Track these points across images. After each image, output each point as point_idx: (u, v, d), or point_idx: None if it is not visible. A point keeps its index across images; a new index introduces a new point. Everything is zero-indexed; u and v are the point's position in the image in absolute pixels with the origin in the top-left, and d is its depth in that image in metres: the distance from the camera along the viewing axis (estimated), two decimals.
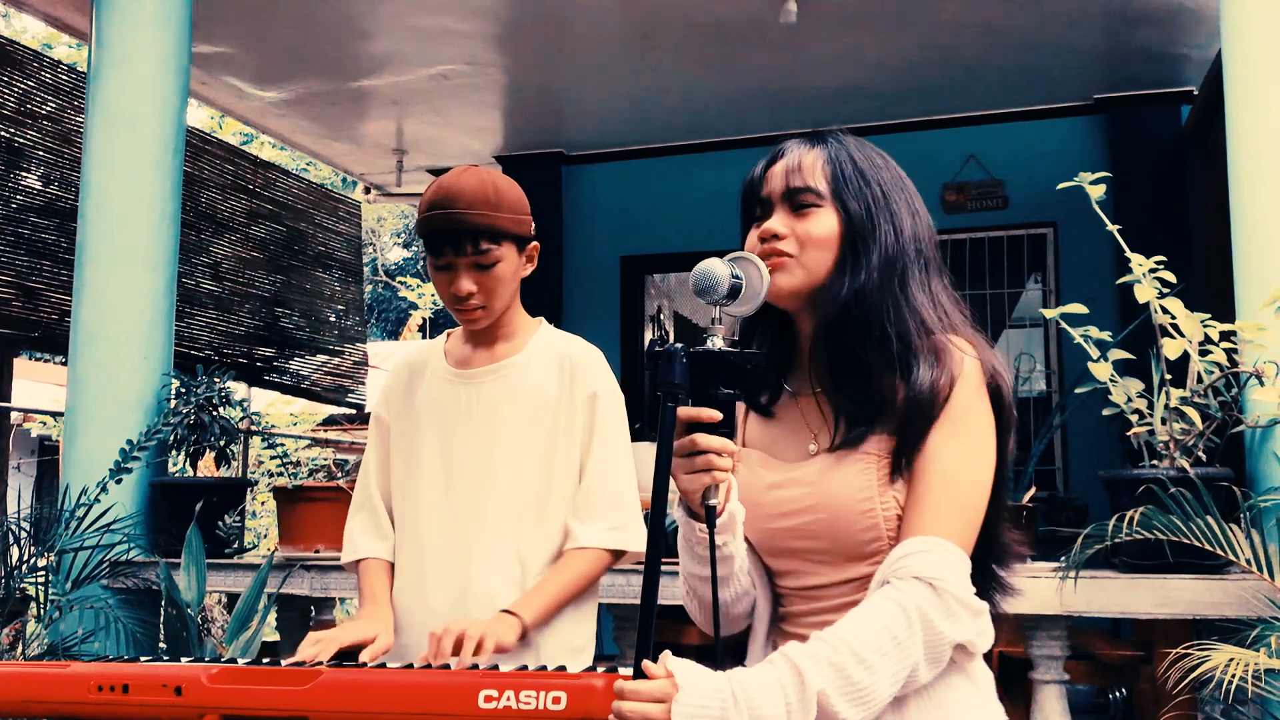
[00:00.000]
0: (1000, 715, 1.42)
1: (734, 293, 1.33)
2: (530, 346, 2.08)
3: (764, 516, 1.43)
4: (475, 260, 1.97)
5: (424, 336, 15.67)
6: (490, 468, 2.01)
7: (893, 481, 1.35)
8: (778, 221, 1.42)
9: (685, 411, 1.29)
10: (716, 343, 1.31)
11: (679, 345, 1.28)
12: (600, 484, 2.00)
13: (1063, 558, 2.77)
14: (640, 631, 1.25)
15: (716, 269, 1.31)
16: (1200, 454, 2.81)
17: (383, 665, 1.63)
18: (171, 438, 3.75)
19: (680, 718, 1.18)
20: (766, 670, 1.23)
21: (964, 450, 1.35)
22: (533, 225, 2.07)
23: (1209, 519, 2.58)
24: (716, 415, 1.29)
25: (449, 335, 2.17)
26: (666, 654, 1.24)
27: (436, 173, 7.30)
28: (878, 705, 1.25)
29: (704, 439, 1.29)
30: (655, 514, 1.25)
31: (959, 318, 1.44)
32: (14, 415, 7.57)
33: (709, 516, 1.31)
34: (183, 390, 3.78)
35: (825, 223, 1.41)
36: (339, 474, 4.03)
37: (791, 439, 1.46)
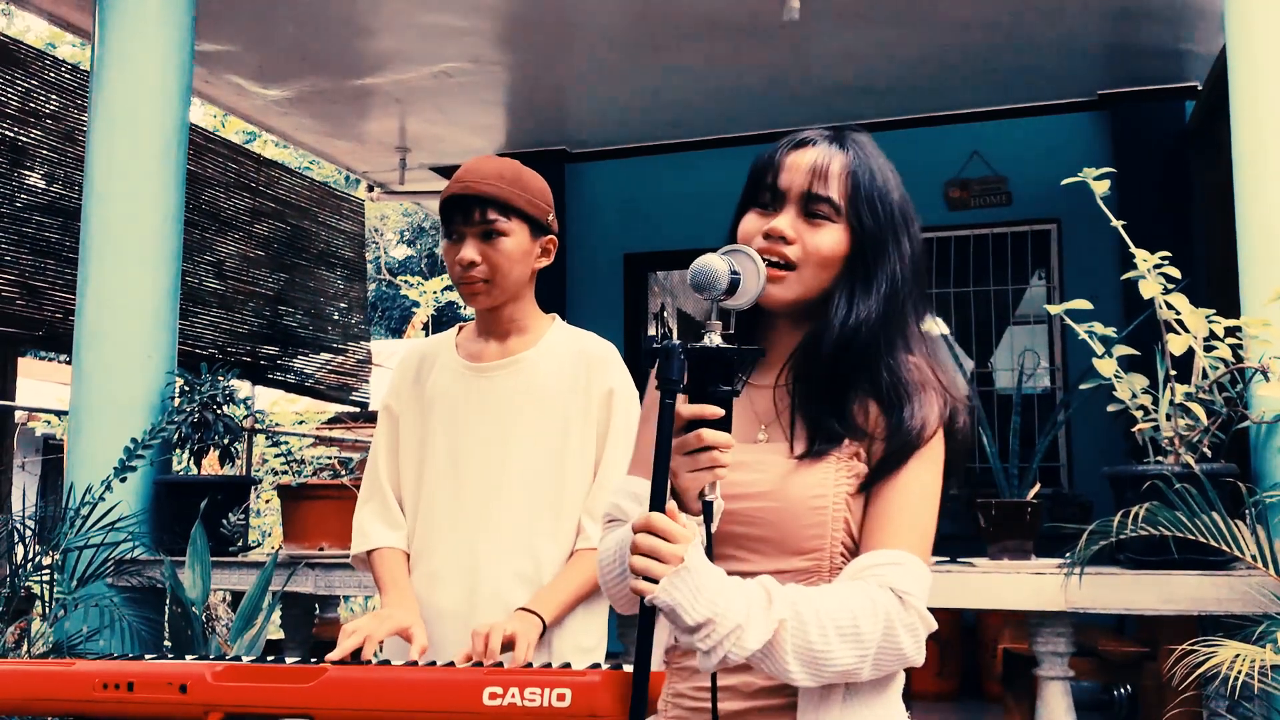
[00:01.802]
0: (903, 714, 1.43)
1: (732, 288, 1.33)
2: (544, 342, 2.07)
3: None
4: (482, 229, 1.97)
5: (427, 335, 15.65)
6: (501, 463, 1.99)
7: (853, 493, 1.38)
8: (787, 223, 1.41)
9: (688, 409, 1.29)
10: (715, 339, 1.30)
11: (677, 342, 1.28)
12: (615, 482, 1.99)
13: (1067, 554, 2.77)
14: (641, 627, 1.25)
15: (715, 264, 1.30)
16: (1205, 450, 2.81)
17: (386, 662, 1.63)
18: (175, 436, 3.75)
19: (693, 562, 1.22)
20: (738, 580, 1.28)
21: (930, 477, 1.39)
22: (552, 218, 2.06)
23: (1214, 515, 2.57)
24: (719, 412, 1.29)
25: (461, 328, 2.16)
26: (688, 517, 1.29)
27: (440, 170, 7.32)
28: (816, 676, 1.27)
29: (711, 434, 1.28)
30: (655, 509, 1.25)
31: (928, 337, 1.47)
32: (18, 414, 7.58)
33: (706, 511, 1.31)
34: (186, 389, 3.79)
35: (834, 240, 1.41)
36: (343, 472, 4.03)
37: (738, 425, 1.44)
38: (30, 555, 3.44)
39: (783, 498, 1.38)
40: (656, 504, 1.25)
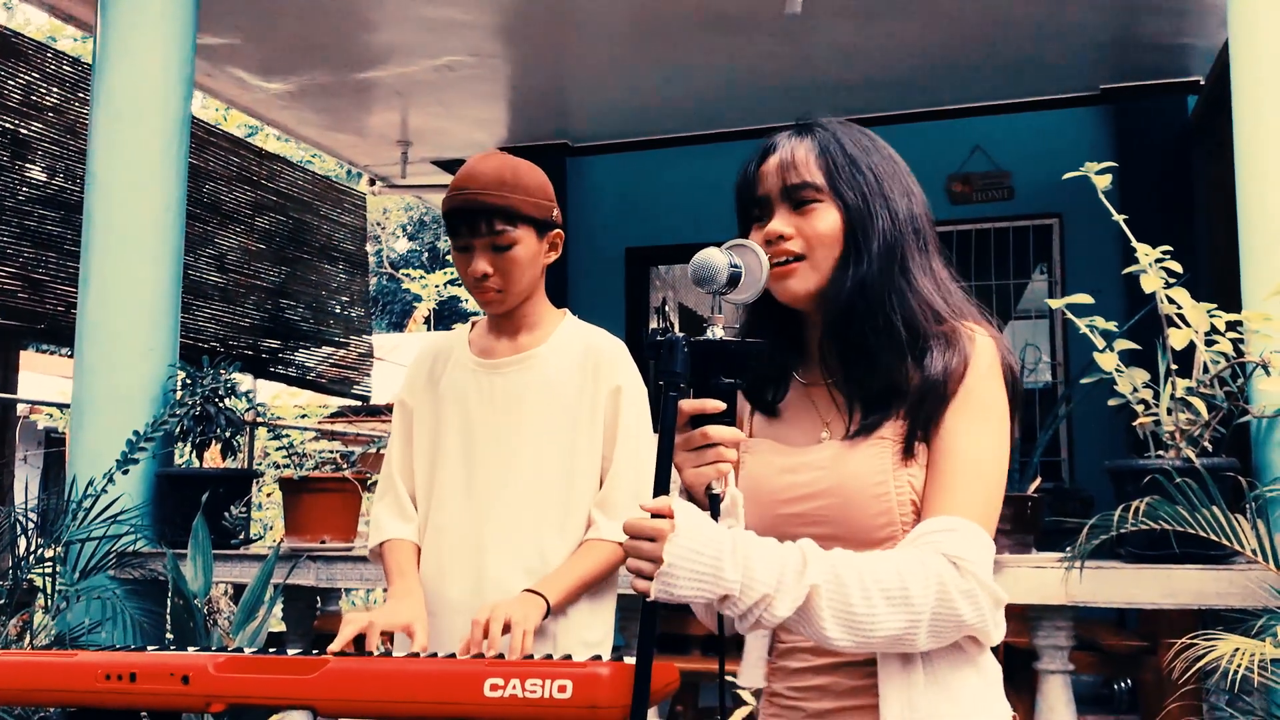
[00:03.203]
0: (1006, 711, 1.41)
1: (733, 281, 1.33)
2: (554, 338, 2.08)
3: (775, 502, 1.42)
4: (491, 241, 1.98)
5: (429, 329, 15.65)
6: (511, 459, 2.01)
7: (906, 463, 1.36)
8: (781, 222, 1.42)
9: (690, 404, 1.29)
10: (717, 332, 1.30)
11: (680, 335, 1.27)
12: (626, 479, 2.00)
13: (1068, 548, 2.77)
14: (642, 621, 1.25)
15: (715, 258, 1.31)
16: (1206, 444, 2.81)
17: (388, 654, 1.64)
18: (177, 429, 3.75)
19: (672, 556, 1.19)
20: (773, 543, 1.25)
21: (986, 434, 1.36)
22: (555, 212, 2.07)
23: (1215, 509, 2.58)
24: (721, 405, 1.29)
25: (473, 324, 2.18)
26: (676, 497, 1.26)
27: (441, 164, 7.32)
28: (861, 641, 1.25)
29: (715, 431, 1.28)
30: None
31: (962, 299, 1.46)
32: (20, 407, 7.59)
33: (713, 505, 1.31)
34: (188, 382, 3.79)
35: (828, 218, 1.41)
36: (345, 465, 4.03)
37: (802, 428, 1.46)
38: (32, 548, 3.45)
39: (841, 492, 1.37)
40: (660, 495, 1.24)
